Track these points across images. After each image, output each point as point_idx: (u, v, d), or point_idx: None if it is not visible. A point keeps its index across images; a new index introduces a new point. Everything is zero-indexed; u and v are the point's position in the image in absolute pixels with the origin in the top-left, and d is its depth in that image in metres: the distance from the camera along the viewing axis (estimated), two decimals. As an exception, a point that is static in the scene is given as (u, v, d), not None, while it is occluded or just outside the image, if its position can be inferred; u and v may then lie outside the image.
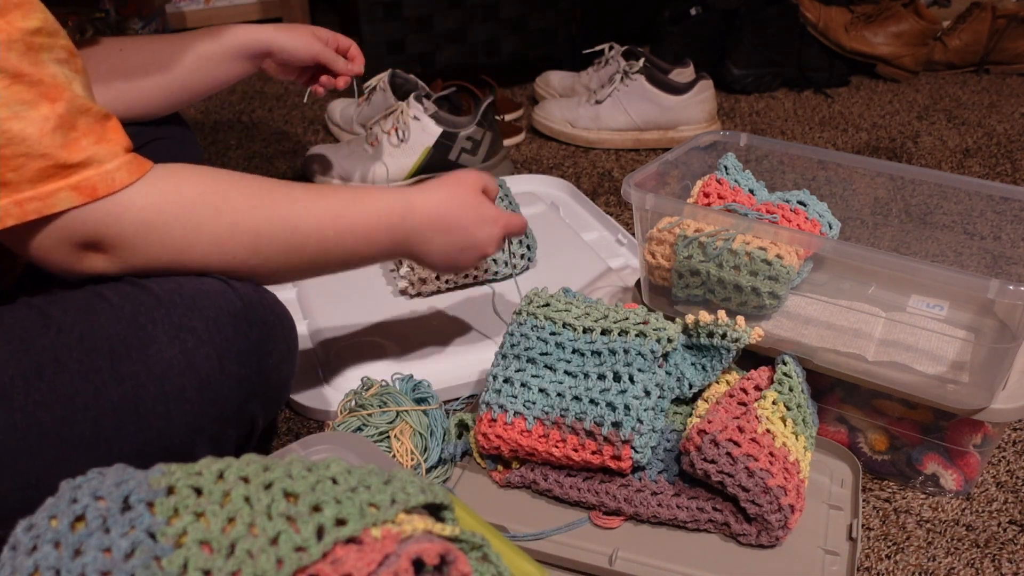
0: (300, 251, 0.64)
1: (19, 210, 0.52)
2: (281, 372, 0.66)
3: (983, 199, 0.80)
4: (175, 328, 0.58)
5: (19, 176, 0.51)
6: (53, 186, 0.53)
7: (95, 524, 0.40)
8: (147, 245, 0.57)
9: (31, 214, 0.53)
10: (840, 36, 1.88)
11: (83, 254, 0.57)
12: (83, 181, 0.54)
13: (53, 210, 0.53)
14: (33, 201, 0.53)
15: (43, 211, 0.53)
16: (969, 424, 0.70)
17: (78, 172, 0.53)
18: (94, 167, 0.54)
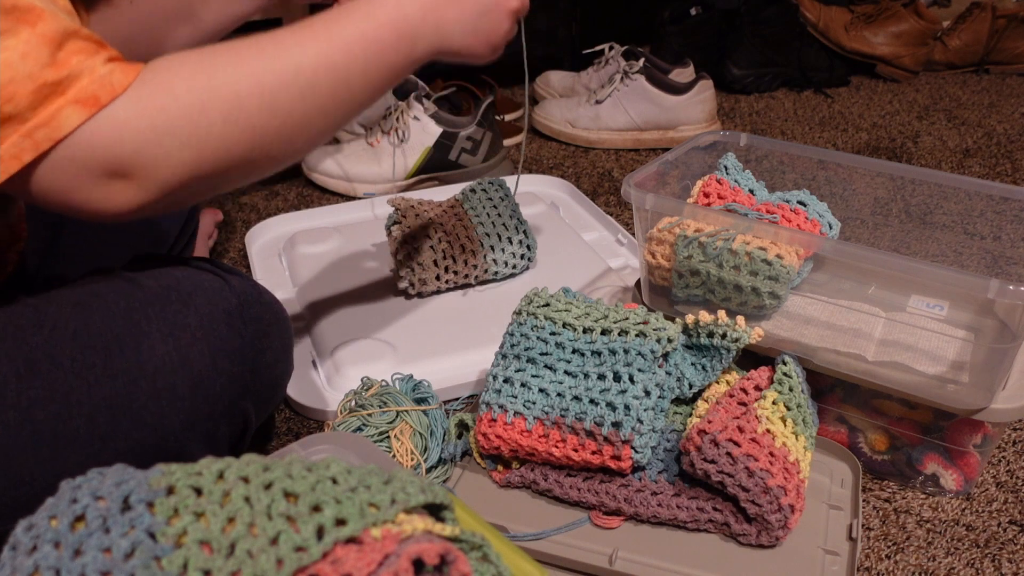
0: (316, 91, 0.57)
1: (30, 142, 0.49)
2: (275, 370, 0.66)
3: (983, 199, 0.80)
4: (169, 325, 0.58)
5: (16, 107, 0.48)
6: (54, 106, 0.49)
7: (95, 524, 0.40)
8: (165, 153, 0.52)
9: (43, 143, 0.49)
10: (840, 36, 1.88)
11: (109, 185, 0.52)
12: (81, 92, 0.50)
13: (62, 132, 0.49)
14: (40, 129, 0.49)
15: (53, 136, 0.49)
16: (969, 424, 0.70)
17: (73, 84, 0.50)
18: (87, 76, 0.50)
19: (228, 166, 0.55)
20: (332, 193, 1.35)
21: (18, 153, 0.49)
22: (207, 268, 0.63)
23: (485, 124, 1.32)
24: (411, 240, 0.97)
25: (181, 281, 0.60)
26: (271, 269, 1.09)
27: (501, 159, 1.37)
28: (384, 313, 0.97)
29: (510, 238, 1.01)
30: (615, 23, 1.98)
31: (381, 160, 1.30)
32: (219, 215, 1.18)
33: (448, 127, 1.29)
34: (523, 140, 0.97)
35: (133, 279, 0.59)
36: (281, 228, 1.19)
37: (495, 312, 0.97)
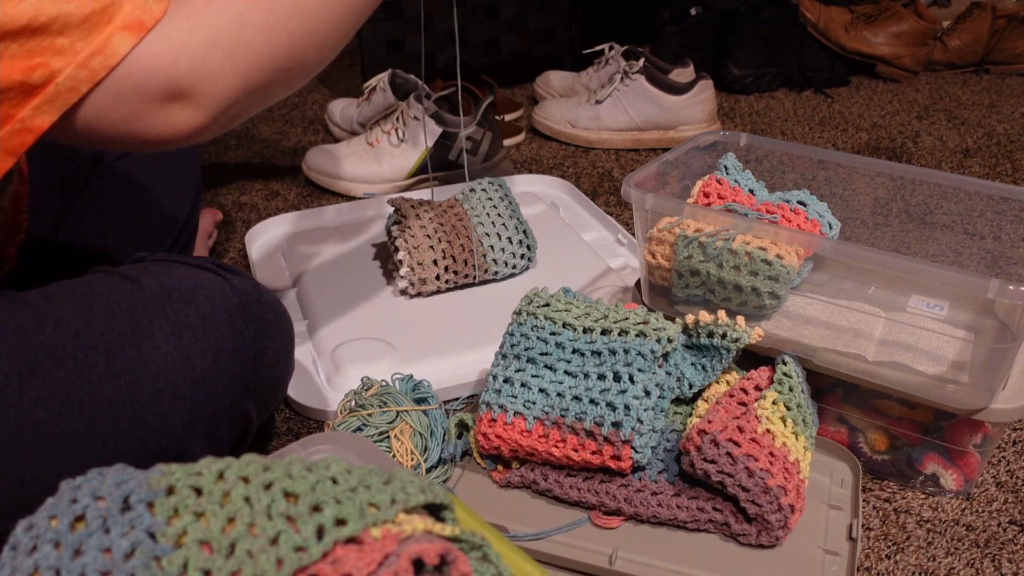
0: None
1: (87, 72, 0.51)
2: (276, 370, 0.66)
3: (983, 199, 0.80)
4: (171, 324, 0.58)
5: (68, 39, 0.50)
6: (104, 34, 0.51)
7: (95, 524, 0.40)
8: (218, 67, 0.54)
9: (99, 71, 0.51)
10: (840, 36, 1.88)
11: (169, 109, 0.54)
12: (126, 18, 0.51)
13: (116, 58, 0.51)
14: (95, 57, 0.51)
15: (108, 63, 0.51)
16: (969, 424, 0.70)
17: (118, 11, 0.51)
18: (128, 3, 0.52)
19: (272, 75, 0.57)
20: (332, 193, 1.35)
21: (75, 85, 0.51)
22: (208, 267, 0.64)
23: (485, 124, 1.32)
24: (411, 240, 0.97)
25: (183, 281, 0.60)
26: (271, 269, 1.09)
27: (501, 159, 1.37)
28: (384, 313, 0.97)
29: (510, 238, 1.01)
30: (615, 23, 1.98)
31: (381, 160, 1.30)
32: (219, 215, 1.18)
33: (448, 127, 1.29)
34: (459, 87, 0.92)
35: (135, 278, 0.60)
36: (281, 228, 1.19)
37: (495, 312, 0.97)
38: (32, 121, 0.51)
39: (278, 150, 1.54)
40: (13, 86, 0.50)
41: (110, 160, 0.92)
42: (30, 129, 0.51)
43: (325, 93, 1.84)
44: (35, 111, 0.51)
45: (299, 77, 0.61)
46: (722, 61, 1.81)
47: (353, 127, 1.51)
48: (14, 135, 0.52)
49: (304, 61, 0.60)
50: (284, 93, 0.61)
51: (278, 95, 0.61)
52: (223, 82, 0.55)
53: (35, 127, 0.51)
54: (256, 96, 0.58)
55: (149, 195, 0.93)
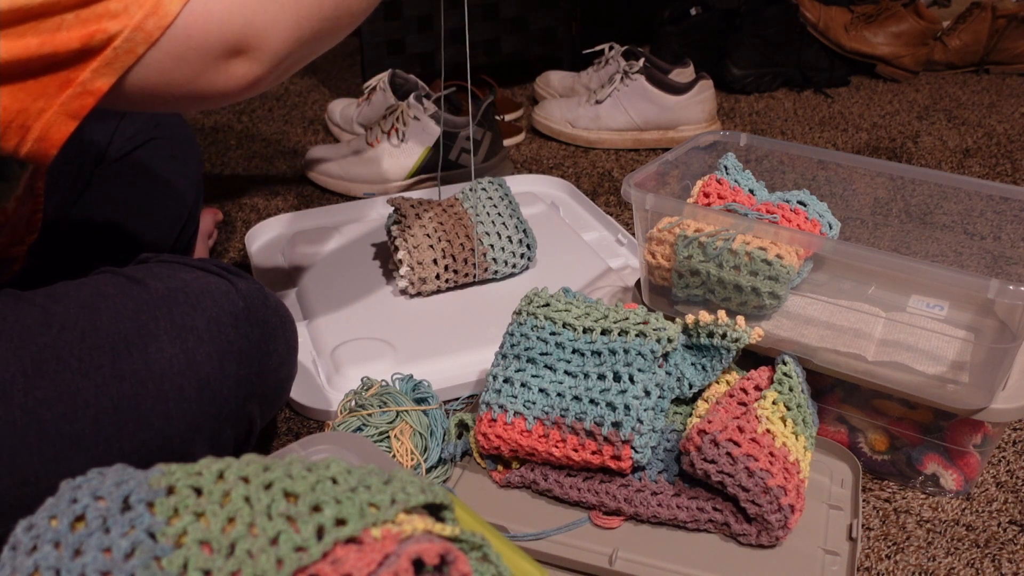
0: None
1: (144, 34, 0.52)
2: (280, 373, 0.66)
3: (983, 199, 0.80)
4: (176, 327, 0.58)
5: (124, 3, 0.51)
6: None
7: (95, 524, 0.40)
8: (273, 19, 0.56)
9: (155, 31, 0.52)
10: (840, 36, 1.88)
11: (229, 64, 0.56)
12: None
13: (168, 18, 0.52)
14: (149, 18, 0.52)
15: (161, 23, 0.52)
16: (969, 424, 0.70)
17: None
18: None
19: (321, 25, 0.59)
20: (332, 193, 1.35)
21: (132, 47, 0.52)
22: (214, 270, 0.64)
23: (485, 124, 1.32)
24: (411, 240, 0.97)
25: (188, 283, 0.60)
26: (271, 269, 1.09)
27: (501, 159, 1.37)
28: (384, 313, 0.97)
29: (510, 237, 1.01)
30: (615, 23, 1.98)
31: (381, 160, 1.30)
32: (219, 215, 1.18)
33: (448, 127, 1.29)
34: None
35: (141, 281, 0.60)
36: (281, 228, 1.19)
37: (495, 312, 0.97)
38: (92, 83, 0.52)
39: (278, 150, 1.54)
40: (73, 54, 0.51)
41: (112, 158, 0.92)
42: (90, 91, 0.53)
43: (325, 93, 1.84)
44: (94, 74, 0.52)
45: (346, 26, 0.63)
46: (722, 61, 1.81)
47: (353, 127, 1.51)
48: (76, 98, 0.53)
49: (351, 9, 0.62)
50: (332, 43, 0.63)
51: (326, 45, 0.62)
52: (276, 35, 0.57)
53: (95, 89, 0.53)
54: (307, 46, 0.60)
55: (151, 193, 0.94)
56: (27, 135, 0.53)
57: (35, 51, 0.50)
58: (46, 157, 0.55)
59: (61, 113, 0.53)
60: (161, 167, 0.95)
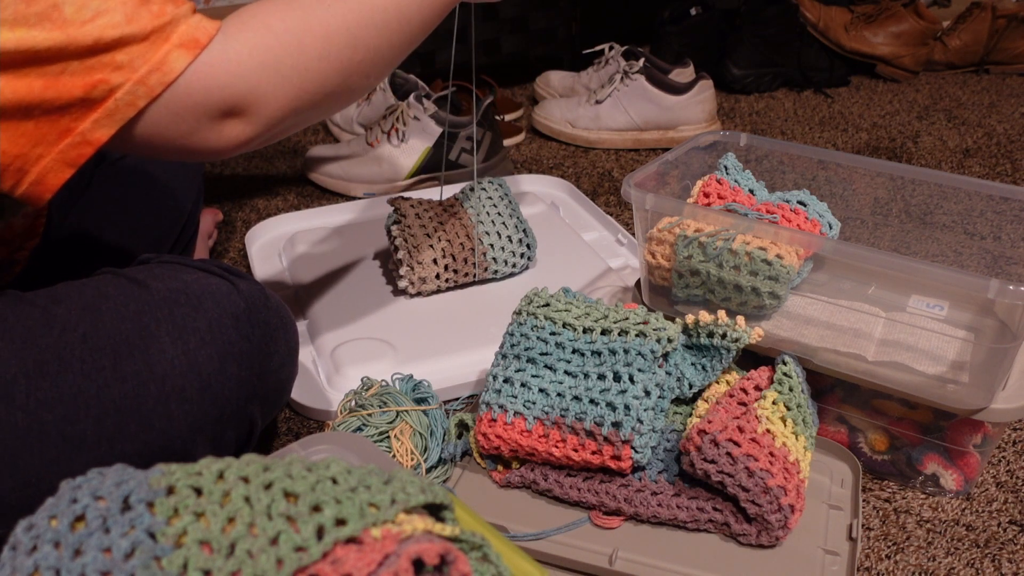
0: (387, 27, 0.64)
1: (145, 88, 0.53)
2: (281, 375, 0.66)
3: (983, 199, 0.80)
4: (178, 328, 0.58)
5: (128, 56, 0.52)
6: (161, 51, 0.53)
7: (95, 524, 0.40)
8: (274, 88, 0.57)
9: (156, 87, 0.53)
10: (840, 36, 1.88)
11: (222, 124, 0.57)
12: (183, 36, 0.54)
13: (173, 74, 0.53)
14: (153, 74, 0.53)
15: (165, 79, 0.53)
16: (969, 424, 0.70)
17: (174, 30, 0.54)
18: (183, 22, 0.54)
19: (322, 98, 0.61)
20: (332, 193, 1.35)
21: (133, 100, 0.53)
22: (215, 271, 0.64)
23: (485, 124, 1.32)
24: (411, 240, 0.97)
25: (190, 285, 0.60)
26: (271, 269, 1.09)
27: (501, 159, 1.37)
28: (384, 313, 0.97)
29: (510, 237, 1.01)
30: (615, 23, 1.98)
31: (381, 160, 1.30)
32: (219, 215, 1.18)
33: (448, 127, 1.29)
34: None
35: (142, 282, 0.60)
36: (281, 228, 1.19)
37: (495, 312, 0.97)
38: (92, 134, 0.53)
39: (278, 150, 1.54)
40: (74, 102, 0.52)
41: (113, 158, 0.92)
42: (89, 142, 0.53)
43: (325, 93, 1.84)
44: (95, 124, 0.53)
45: (345, 100, 0.64)
46: (722, 61, 1.81)
47: (353, 127, 1.51)
48: (74, 147, 0.53)
49: (352, 87, 0.63)
50: (328, 114, 0.65)
51: (322, 115, 0.64)
52: (275, 102, 0.58)
53: (94, 139, 0.53)
54: (303, 115, 0.61)
55: (152, 193, 0.94)
56: (23, 178, 0.53)
57: (38, 94, 0.51)
58: (40, 200, 0.55)
59: (59, 160, 0.53)
60: (161, 168, 0.95)
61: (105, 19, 0.52)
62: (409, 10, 0.65)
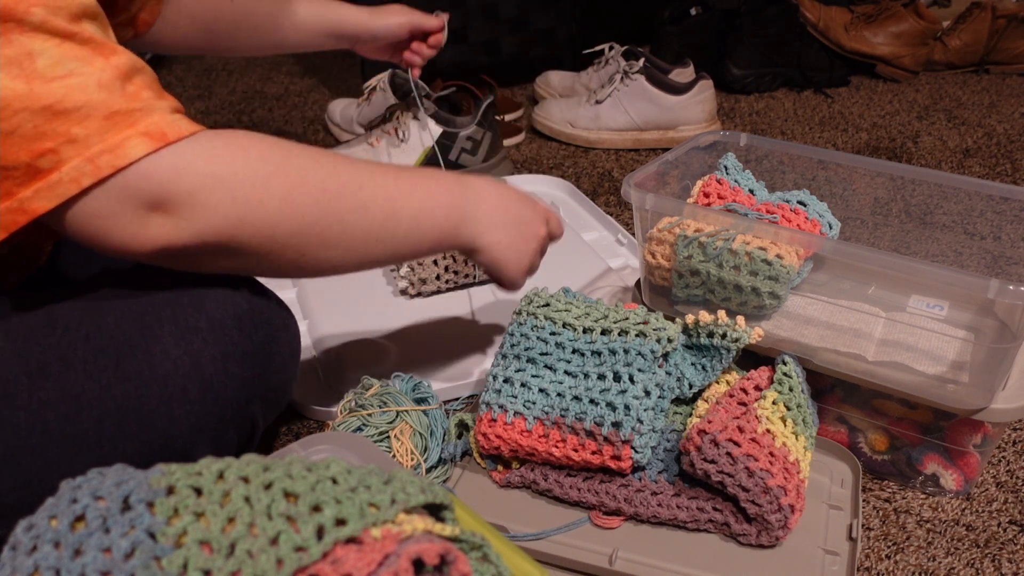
0: (367, 213, 0.59)
1: (93, 167, 0.49)
2: (283, 375, 0.66)
3: (983, 199, 0.80)
4: (180, 329, 0.58)
5: (86, 129, 0.49)
6: (122, 135, 0.50)
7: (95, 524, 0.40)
8: (217, 202, 0.53)
9: (105, 169, 0.49)
10: (840, 36, 1.88)
11: (148, 218, 0.52)
12: (151, 126, 0.51)
13: (124, 161, 0.50)
14: (104, 155, 0.49)
15: (115, 163, 0.50)
16: (969, 424, 0.70)
17: (144, 117, 0.51)
18: (157, 113, 0.51)
19: (260, 244, 0.56)
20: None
21: (78, 177, 0.49)
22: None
23: (485, 124, 1.32)
24: (411, 240, 0.97)
25: (192, 284, 0.60)
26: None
27: (501, 159, 1.37)
28: (384, 313, 0.97)
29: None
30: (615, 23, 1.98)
31: (381, 160, 1.30)
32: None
33: (448, 127, 1.29)
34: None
35: (145, 282, 0.60)
36: (281, 228, 1.19)
37: (495, 312, 0.97)
38: (31, 203, 0.50)
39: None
40: (19, 166, 0.49)
41: None
42: (26, 210, 0.50)
43: (325, 93, 1.84)
44: (36, 194, 0.50)
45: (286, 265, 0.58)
46: (722, 61, 1.81)
47: (353, 127, 1.51)
48: (11, 212, 0.50)
49: (301, 252, 0.58)
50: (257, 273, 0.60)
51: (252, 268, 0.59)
52: (214, 217, 0.53)
53: (31, 209, 0.50)
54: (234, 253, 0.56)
55: None
56: None
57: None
58: None
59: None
60: None
61: (75, 81, 0.49)
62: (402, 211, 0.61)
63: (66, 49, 0.49)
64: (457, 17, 1.68)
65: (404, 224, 0.62)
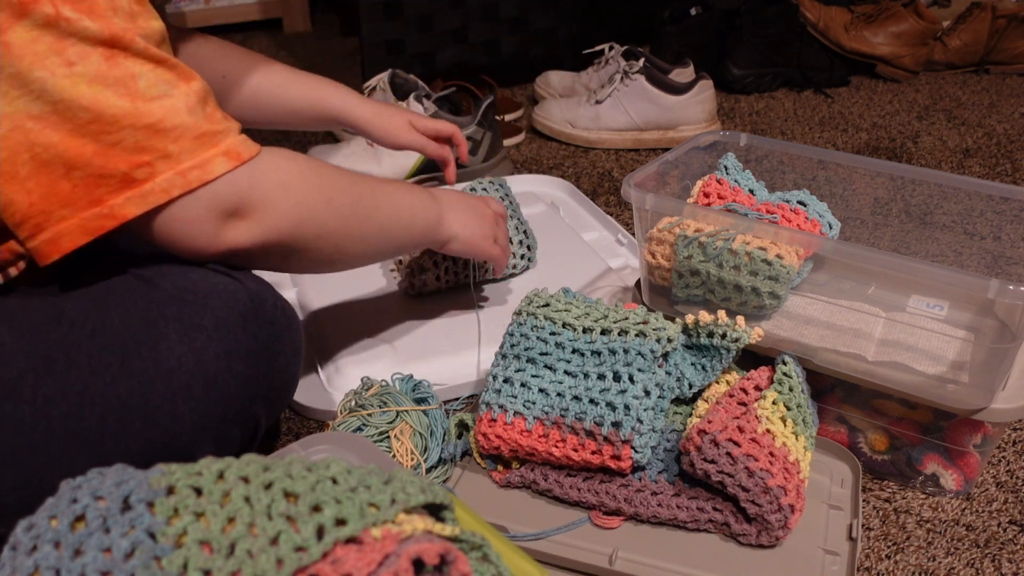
0: (380, 210, 0.71)
1: (183, 180, 0.56)
2: (287, 374, 0.66)
3: (983, 199, 0.80)
4: (185, 326, 0.58)
5: (179, 147, 0.56)
6: (208, 153, 0.57)
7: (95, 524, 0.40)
8: (284, 206, 0.62)
9: (194, 182, 0.57)
10: (840, 36, 1.88)
11: (225, 223, 0.60)
12: (230, 148, 0.58)
13: (211, 176, 0.57)
14: (194, 170, 0.57)
15: (203, 178, 0.57)
16: (969, 424, 0.70)
17: (223, 139, 0.58)
18: (232, 135, 0.59)
19: (311, 240, 0.66)
20: (332, 193, 1.35)
21: (169, 188, 0.56)
22: (221, 270, 0.63)
23: (485, 124, 1.32)
24: (411, 240, 0.97)
25: (197, 283, 0.60)
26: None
27: (501, 159, 1.37)
28: (384, 313, 0.97)
29: (510, 238, 1.01)
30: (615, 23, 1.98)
31: (381, 160, 1.30)
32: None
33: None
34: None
35: (149, 279, 0.60)
36: (281, 228, 1.19)
37: (495, 312, 0.97)
38: (121, 209, 0.56)
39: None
40: (116, 174, 0.55)
41: None
42: (115, 216, 0.56)
43: (325, 93, 1.84)
44: (127, 201, 0.56)
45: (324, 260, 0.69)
46: (722, 61, 1.81)
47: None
48: (99, 217, 0.56)
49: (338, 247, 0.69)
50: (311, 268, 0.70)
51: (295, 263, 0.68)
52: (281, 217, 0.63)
53: (120, 215, 0.56)
54: (291, 249, 0.65)
55: None
56: (39, 234, 0.56)
57: (87, 158, 0.54)
58: (45, 258, 0.57)
59: (79, 226, 0.56)
60: None
61: (169, 102, 0.56)
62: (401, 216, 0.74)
63: (159, 72, 0.56)
64: (457, 17, 1.68)
65: (403, 222, 0.74)
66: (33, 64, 0.52)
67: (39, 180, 0.54)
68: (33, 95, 0.52)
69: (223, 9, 2.22)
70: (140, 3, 0.56)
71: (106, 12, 0.53)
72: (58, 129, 0.53)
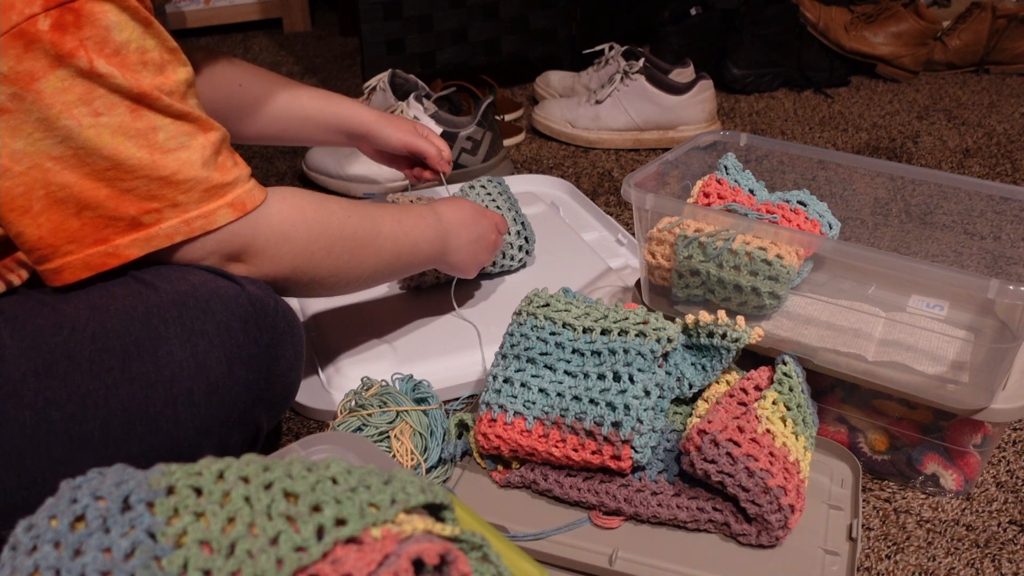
0: (380, 252, 0.74)
1: (187, 228, 0.59)
2: (288, 378, 0.66)
3: (983, 199, 0.80)
4: (187, 331, 0.58)
5: (188, 198, 0.59)
6: (214, 204, 0.60)
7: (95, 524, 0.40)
8: (281, 254, 0.65)
9: (197, 231, 0.60)
10: (840, 36, 1.88)
11: (225, 264, 0.63)
12: (236, 199, 0.61)
13: (214, 226, 0.60)
14: (199, 219, 0.60)
15: (207, 227, 0.60)
16: (969, 424, 0.70)
17: (231, 191, 0.61)
18: (240, 186, 0.62)
19: (309, 280, 0.69)
20: (332, 192, 1.35)
21: (172, 234, 0.59)
22: (223, 274, 0.64)
23: (485, 124, 1.32)
24: (411, 240, 0.97)
25: (199, 287, 0.60)
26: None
27: (501, 159, 1.37)
28: (384, 313, 0.97)
29: (508, 229, 1.01)
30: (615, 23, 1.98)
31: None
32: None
33: (448, 127, 1.29)
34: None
35: (151, 283, 0.60)
36: (281, 228, 1.19)
37: (495, 312, 0.97)
38: (124, 250, 0.59)
39: (278, 150, 1.54)
40: (125, 218, 0.58)
41: None
42: (119, 255, 0.59)
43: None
44: (132, 243, 0.59)
45: (323, 293, 0.73)
46: (722, 61, 1.81)
47: (353, 127, 1.50)
48: (103, 255, 0.58)
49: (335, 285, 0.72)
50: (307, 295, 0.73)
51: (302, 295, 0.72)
52: (279, 264, 0.66)
53: (124, 255, 0.59)
54: (289, 285, 0.68)
55: None
56: (44, 264, 0.58)
57: (100, 200, 0.56)
58: (47, 284, 0.59)
59: (83, 262, 0.58)
60: None
61: (185, 155, 0.58)
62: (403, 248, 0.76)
63: (179, 126, 0.58)
64: (457, 17, 1.68)
65: (404, 258, 0.77)
66: (61, 112, 0.54)
67: (51, 216, 0.56)
68: (57, 139, 0.55)
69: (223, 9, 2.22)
70: (171, 52, 0.59)
71: (136, 67, 0.56)
72: (76, 171, 0.55)
